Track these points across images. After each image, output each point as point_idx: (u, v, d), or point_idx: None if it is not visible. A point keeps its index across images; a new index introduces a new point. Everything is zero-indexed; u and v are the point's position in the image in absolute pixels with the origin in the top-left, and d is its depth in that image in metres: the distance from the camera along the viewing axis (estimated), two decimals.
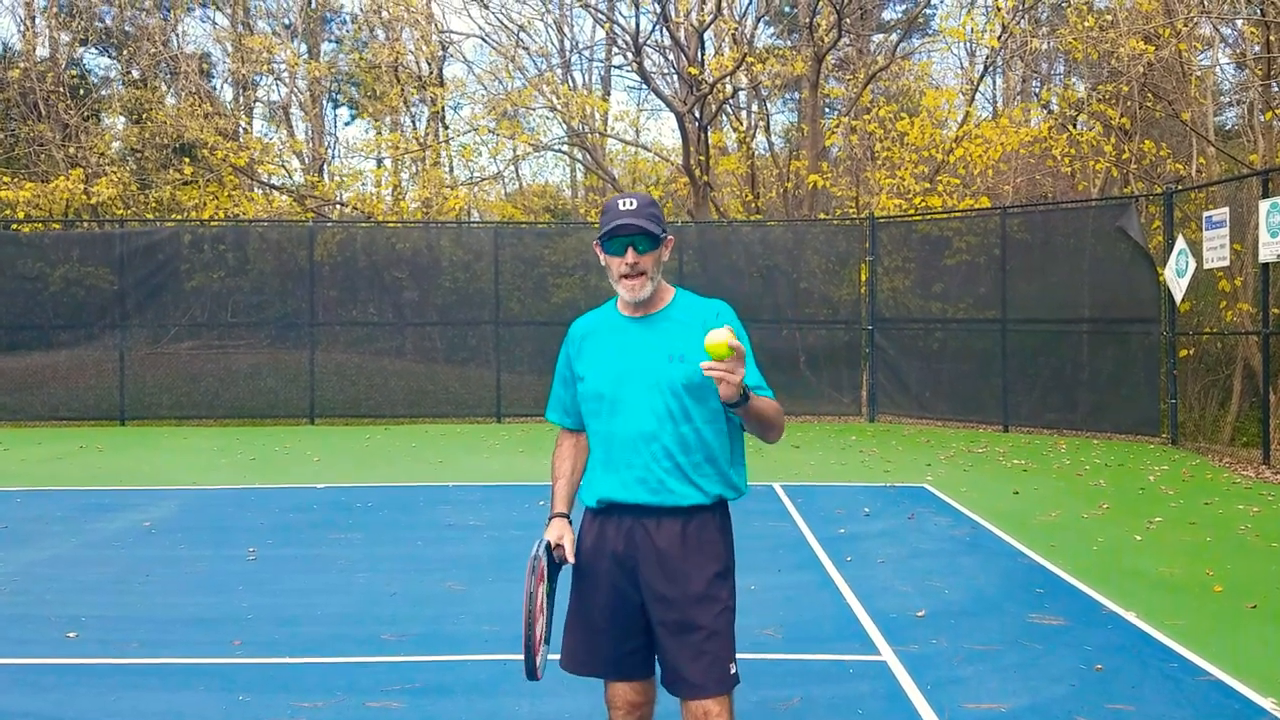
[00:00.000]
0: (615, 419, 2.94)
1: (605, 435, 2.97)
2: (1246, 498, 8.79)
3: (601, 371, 2.98)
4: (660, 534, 2.91)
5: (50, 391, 15.05)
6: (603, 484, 2.97)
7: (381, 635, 5.17)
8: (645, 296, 2.95)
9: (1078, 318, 13.27)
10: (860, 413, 14.97)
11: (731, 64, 18.98)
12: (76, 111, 20.65)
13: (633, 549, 2.92)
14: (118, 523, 7.93)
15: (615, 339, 3.00)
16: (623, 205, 2.94)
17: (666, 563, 2.89)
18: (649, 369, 2.92)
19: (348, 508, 8.55)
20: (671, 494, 2.89)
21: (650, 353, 2.93)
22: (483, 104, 21.47)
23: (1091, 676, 4.55)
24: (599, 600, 2.98)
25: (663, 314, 3.00)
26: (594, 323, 3.10)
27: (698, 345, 2.83)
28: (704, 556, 2.91)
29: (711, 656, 2.85)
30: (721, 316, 2.96)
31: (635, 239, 2.91)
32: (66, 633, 5.22)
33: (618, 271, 2.94)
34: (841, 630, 5.25)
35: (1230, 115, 21.31)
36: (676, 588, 2.88)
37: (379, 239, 16.28)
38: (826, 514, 8.14)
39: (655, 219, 2.95)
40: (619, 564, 2.94)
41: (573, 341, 3.12)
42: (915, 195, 17.44)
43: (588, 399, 3.01)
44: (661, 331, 2.96)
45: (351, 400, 15.30)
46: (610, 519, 2.97)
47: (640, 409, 2.90)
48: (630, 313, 3.02)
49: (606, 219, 2.95)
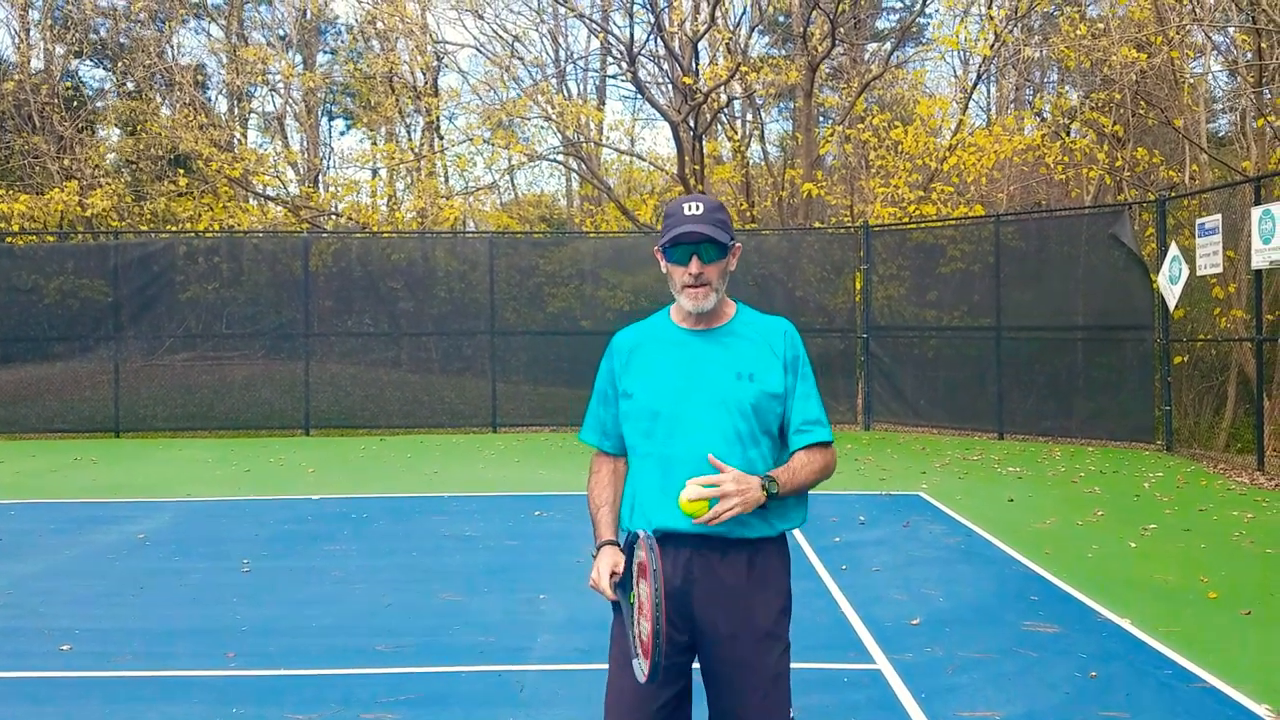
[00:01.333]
0: (675, 440, 2.65)
1: (663, 458, 2.66)
2: (1241, 504, 8.80)
3: (658, 387, 2.70)
4: (725, 567, 2.63)
5: (45, 404, 15.03)
6: (659, 511, 2.63)
7: (376, 647, 5.16)
8: (709, 308, 2.69)
9: (1072, 325, 13.30)
10: (856, 421, 14.98)
11: (726, 73, 19.04)
12: (71, 124, 20.65)
13: (689, 583, 2.62)
14: (112, 535, 7.91)
15: (674, 353, 2.73)
16: (688, 210, 2.67)
17: (731, 598, 2.62)
18: (716, 387, 2.66)
19: (343, 519, 8.54)
20: (741, 525, 2.60)
21: (717, 369, 2.68)
22: (478, 114, 21.51)
23: (1086, 684, 4.56)
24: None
25: (727, 328, 2.75)
26: (644, 334, 2.83)
27: (766, 365, 2.69)
28: (770, 592, 2.66)
29: (774, 702, 2.60)
30: (789, 336, 2.75)
31: (701, 247, 2.65)
32: (60, 645, 5.21)
33: (680, 281, 2.69)
34: (836, 639, 5.25)
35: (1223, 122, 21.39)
36: (740, 625, 2.61)
37: (374, 249, 16.29)
38: (822, 522, 8.14)
39: (723, 225, 2.69)
40: (672, 600, 2.60)
41: (618, 354, 2.83)
42: (910, 203, 17.48)
43: (638, 417, 2.72)
44: (727, 347, 2.72)
45: (347, 411, 15.29)
46: (665, 550, 2.62)
47: (706, 430, 2.63)
48: (691, 325, 2.75)
49: (670, 223, 2.68)
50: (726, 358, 2.70)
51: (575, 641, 5.20)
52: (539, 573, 6.62)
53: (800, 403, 2.71)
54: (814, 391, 2.74)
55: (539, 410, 15.17)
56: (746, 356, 2.70)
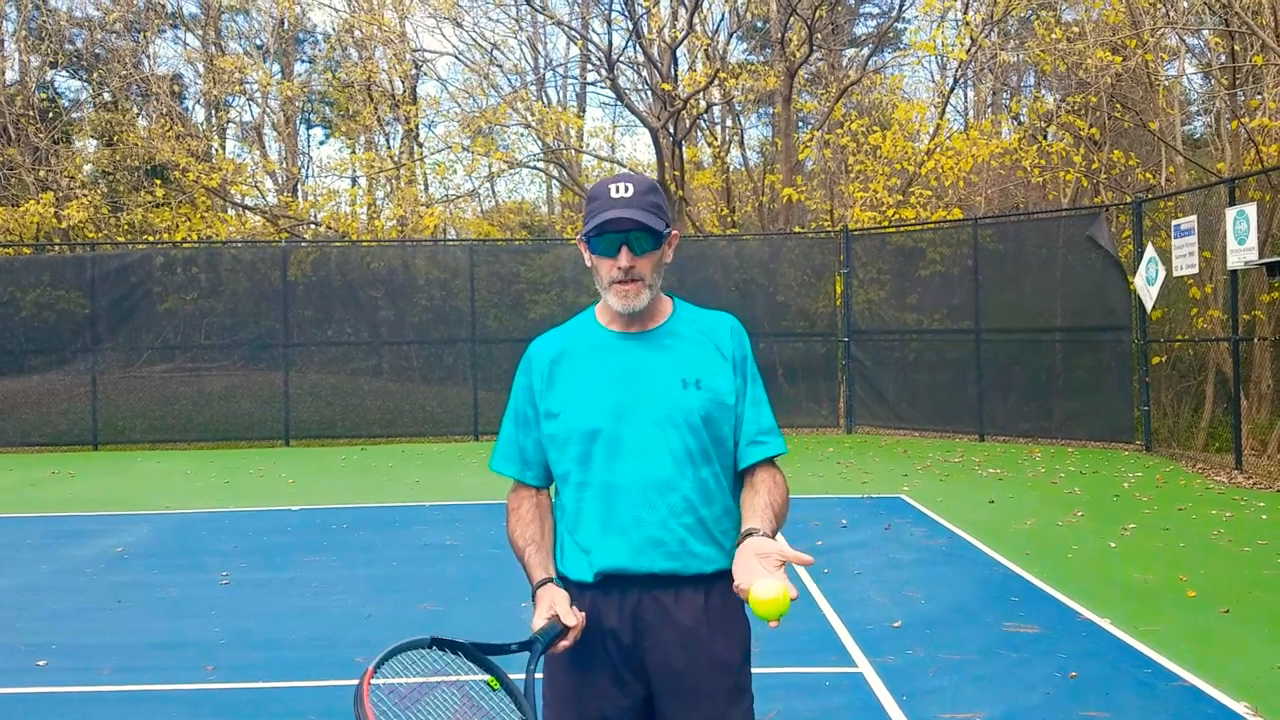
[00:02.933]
0: (617, 464, 2.26)
1: (603, 486, 2.27)
2: (1219, 503, 8.85)
3: (591, 403, 2.29)
4: (680, 609, 2.25)
5: (22, 417, 14.90)
6: (604, 550, 2.26)
7: (355, 658, 5.12)
8: (641, 307, 2.28)
9: (1051, 326, 13.38)
10: (838, 424, 15.01)
11: (705, 79, 19.08)
12: (47, 135, 20.53)
13: (642, 631, 2.26)
14: (89, 548, 7.85)
15: (606, 361, 2.32)
16: (615, 192, 2.25)
17: (691, 645, 2.24)
18: (660, 398, 2.27)
19: (322, 529, 8.50)
20: (695, 557, 2.25)
21: (659, 377, 2.29)
22: (457, 122, 21.50)
23: (1066, 684, 4.57)
24: (591, 700, 2.28)
25: (665, 329, 2.35)
26: (567, 341, 2.39)
27: (713, 369, 2.31)
28: (731, 635, 2.29)
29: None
30: (736, 333, 2.38)
31: (631, 235, 2.25)
32: (36, 660, 5.15)
33: (608, 277, 2.27)
34: (818, 642, 5.25)
35: (1198, 124, 21.59)
36: (703, 678, 2.25)
37: (354, 258, 16.23)
38: (804, 526, 8.14)
39: (657, 209, 2.27)
40: (621, 651, 2.27)
41: (535, 368, 2.39)
42: (889, 207, 17.55)
43: (569, 441, 2.30)
44: (668, 350, 2.32)
45: (327, 421, 15.21)
46: (610, 595, 2.27)
47: (652, 450, 2.25)
48: (623, 327, 2.35)
49: (594, 208, 2.27)
50: (668, 363, 2.31)
51: None
52: (519, 582, 6.55)
53: (751, 409, 2.34)
54: (764, 396, 2.38)
55: None
56: (691, 360, 2.31)
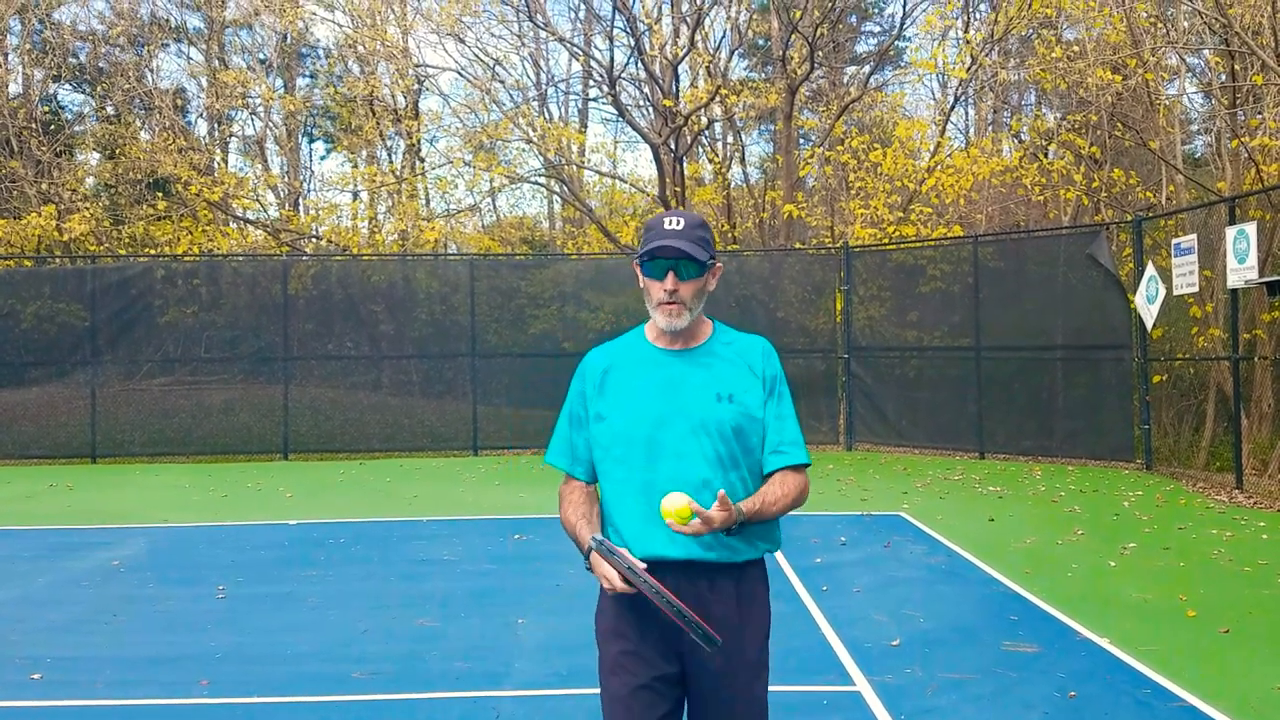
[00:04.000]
0: (657, 465, 2.58)
1: (644, 484, 2.58)
2: (1220, 522, 8.83)
3: (635, 410, 2.62)
4: (714, 595, 2.57)
5: (21, 429, 14.88)
6: (645, 539, 2.57)
7: (352, 674, 5.10)
8: (682, 326, 2.62)
9: (1051, 344, 13.37)
10: (838, 441, 14.99)
11: (706, 96, 19.13)
12: (49, 148, 20.57)
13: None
14: (86, 562, 7.82)
15: (651, 373, 2.66)
16: (668, 224, 2.61)
17: (722, 628, 2.51)
18: (696, 409, 2.59)
19: (320, 544, 8.47)
20: (728, 548, 2.56)
21: (696, 391, 2.61)
22: (459, 137, 21.55)
23: (1065, 704, 4.54)
24: (630, 678, 2.57)
25: (705, 348, 2.68)
26: (618, 354, 2.73)
27: (745, 385, 2.63)
28: (757, 619, 2.64)
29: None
30: (768, 355, 2.70)
31: (678, 263, 2.59)
32: (30, 674, 5.12)
33: (656, 298, 2.61)
34: (816, 661, 5.22)
35: (1198, 143, 21.62)
36: (731, 657, 2.56)
37: (354, 272, 16.24)
38: (803, 543, 8.12)
39: (704, 243, 2.62)
40: (659, 630, 2.56)
41: (590, 376, 2.74)
42: (889, 224, 17.57)
43: (613, 443, 2.64)
44: (706, 367, 2.65)
45: (326, 435, 15.20)
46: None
47: (689, 454, 2.57)
48: (667, 344, 2.69)
49: (649, 237, 2.62)
50: (706, 378, 2.63)
51: (553, 666, 5.15)
52: (517, 597, 6.57)
53: (776, 423, 2.65)
54: (791, 412, 2.68)
55: (520, 433, 15.11)
56: (726, 377, 2.63)
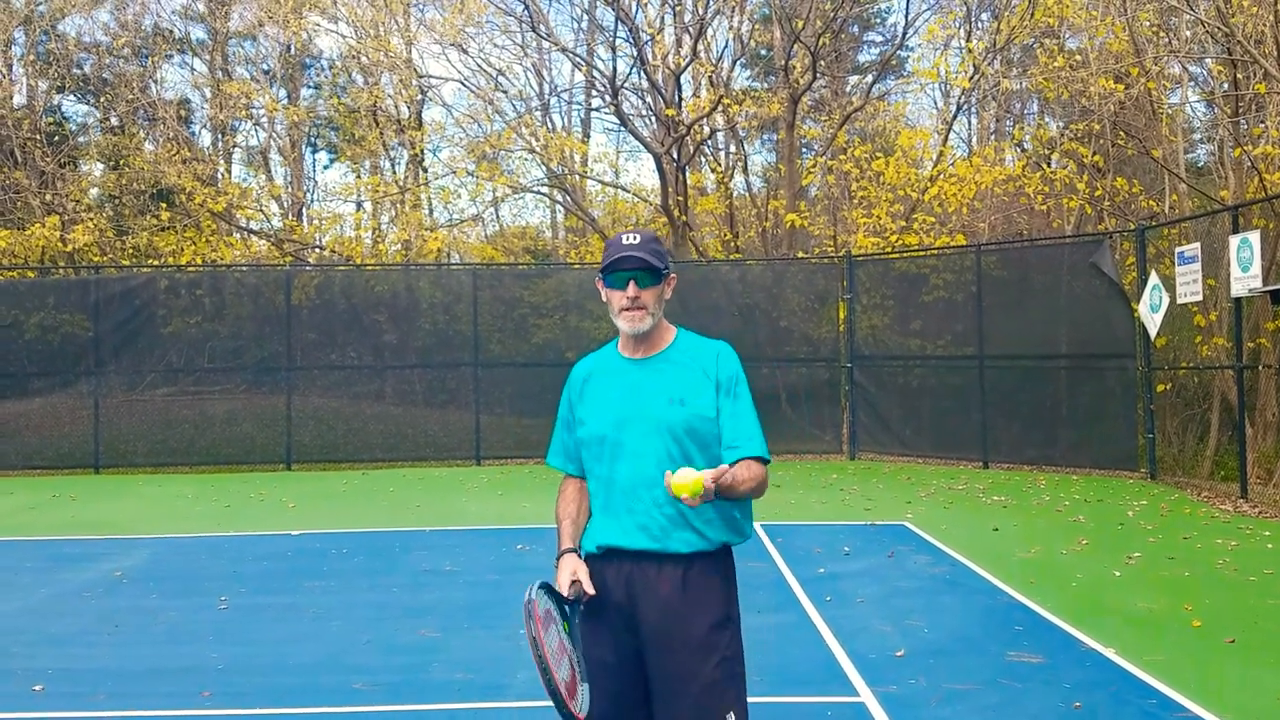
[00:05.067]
0: (617, 464, 2.89)
1: (606, 480, 2.91)
2: (1225, 532, 8.80)
3: (602, 415, 2.93)
4: (661, 580, 2.83)
5: (24, 440, 14.88)
6: (603, 530, 2.90)
7: (353, 684, 5.08)
8: (645, 329, 2.91)
9: (1055, 353, 13.34)
10: (841, 450, 14.95)
11: (708, 105, 19.16)
12: (53, 158, 20.62)
13: (633, 595, 2.85)
14: (88, 573, 7.81)
15: (616, 381, 2.96)
16: (626, 240, 2.92)
17: (667, 609, 2.81)
18: (649, 413, 2.87)
19: (322, 555, 8.46)
20: (672, 540, 2.83)
21: (651, 396, 2.89)
22: (462, 147, 21.58)
23: (1070, 714, 4.52)
24: (601, 653, 2.86)
25: (663, 356, 2.96)
26: (595, 365, 3.06)
27: (698, 389, 2.87)
28: (706, 603, 2.84)
29: (706, 709, 2.77)
30: (722, 358, 2.94)
31: (637, 273, 2.88)
32: (33, 686, 5.11)
33: (618, 305, 2.91)
34: (820, 671, 5.20)
35: (1201, 152, 21.63)
36: (676, 635, 2.81)
37: (357, 282, 16.25)
38: (806, 553, 8.09)
39: (658, 255, 2.93)
40: (619, 611, 2.86)
41: (574, 385, 3.07)
42: (892, 233, 17.57)
43: (589, 443, 2.96)
44: (661, 374, 2.92)
45: (329, 445, 15.19)
46: (610, 565, 2.88)
47: (642, 454, 2.85)
48: (630, 354, 2.98)
49: (610, 253, 2.93)
50: (660, 384, 2.90)
51: None
52: (520, 608, 6.53)
53: (730, 421, 2.89)
54: (748, 410, 2.92)
55: (523, 443, 15.07)
56: (679, 382, 2.90)
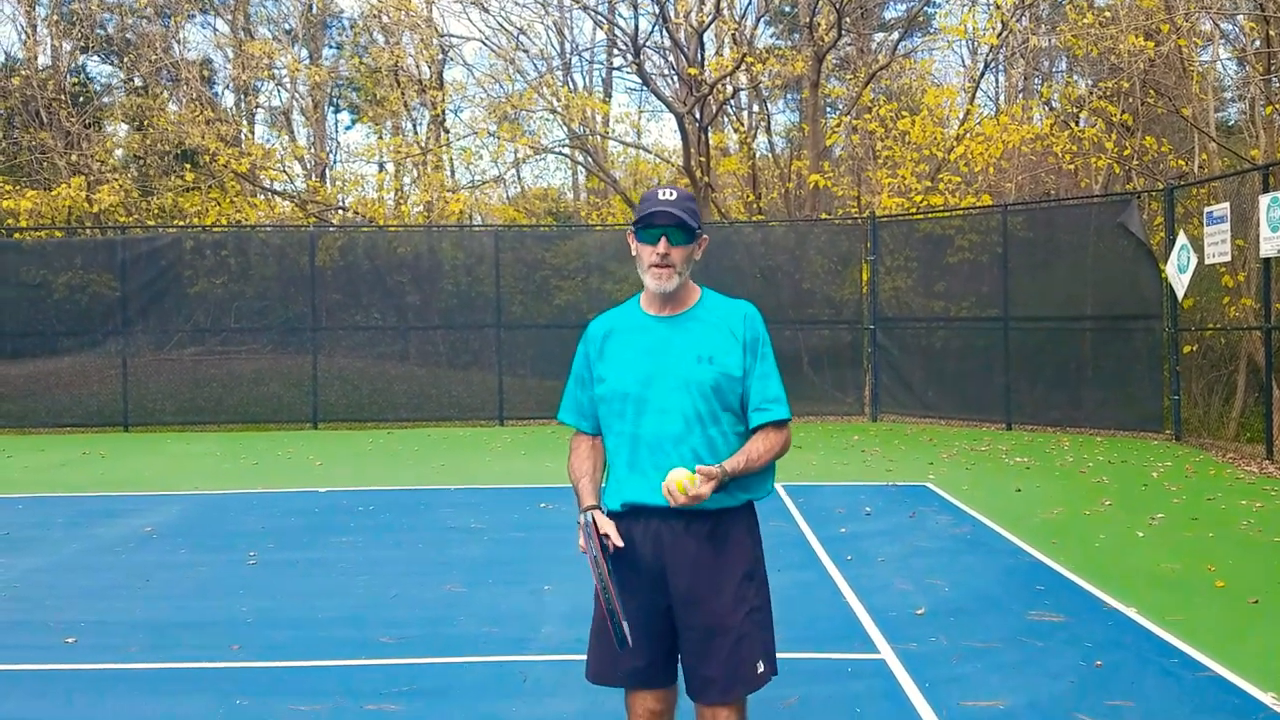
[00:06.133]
0: (641, 420, 2.86)
1: (630, 437, 2.88)
2: (1249, 493, 8.76)
3: (626, 371, 2.90)
4: (689, 536, 2.84)
5: (54, 398, 15.08)
6: (628, 487, 2.88)
7: (381, 638, 5.16)
8: (672, 289, 2.88)
9: (1080, 315, 13.25)
10: (863, 412, 14.95)
11: (731, 64, 18.98)
12: (78, 119, 20.69)
13: (660, 551, 2.85)
14: (119, 528, 7.94)
15: (641, 338, 2.93)
16: (662, 195, 2.88)
17: (696, 565, 2.83)
18: (678, 370, 2.85)
19: (349, 511, 8.56)
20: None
21: (679, 353, 2.87)
22: (483, 107, 21.50)
23: (1091, 673, 4.54)
24: (632, 609, 2.86)
25: (690, 314, 2.93)
26: (615, 321, 3.02)
27: (725, 348, 2.86)
28: (733, 558, 2.86)
29: (739, 659, 2.82)
30: (749, 319, 2.92)
31: (670, 230, 2.85)
32: (65, 638, 5.22)
33: (648, 260, 2.88)
34: (841, 629, 5.24)
35: (1232, 111, 21.29)
36: (706, 590, 2.83)
37: (380, 243, 16.30)
38: (828, 513, 8.13)
39: (693, 213, 2.88)
40: (646, 568, 2.87)
41: (592, 341, 3.04)
42: (917, 194, 17.42)
43: (610, 400, 2.92)
44: (689, 332, 2.90)
45: (354, 404, 15.32)
46: (636, 522, 2.88)
47: (668, 411, 2.83)
48: (656, 311, 2.95)
49: (644, 206, 2.89)
50: (688, 342, 2.88)
51: (579, 632, 5.17)
52: (544, 564, 6.62)
53: (759, 382, 2.89)
54: (773, 371, 2.92)
55: (545, 403, 15.14)
56: (707, 340, 2.88)
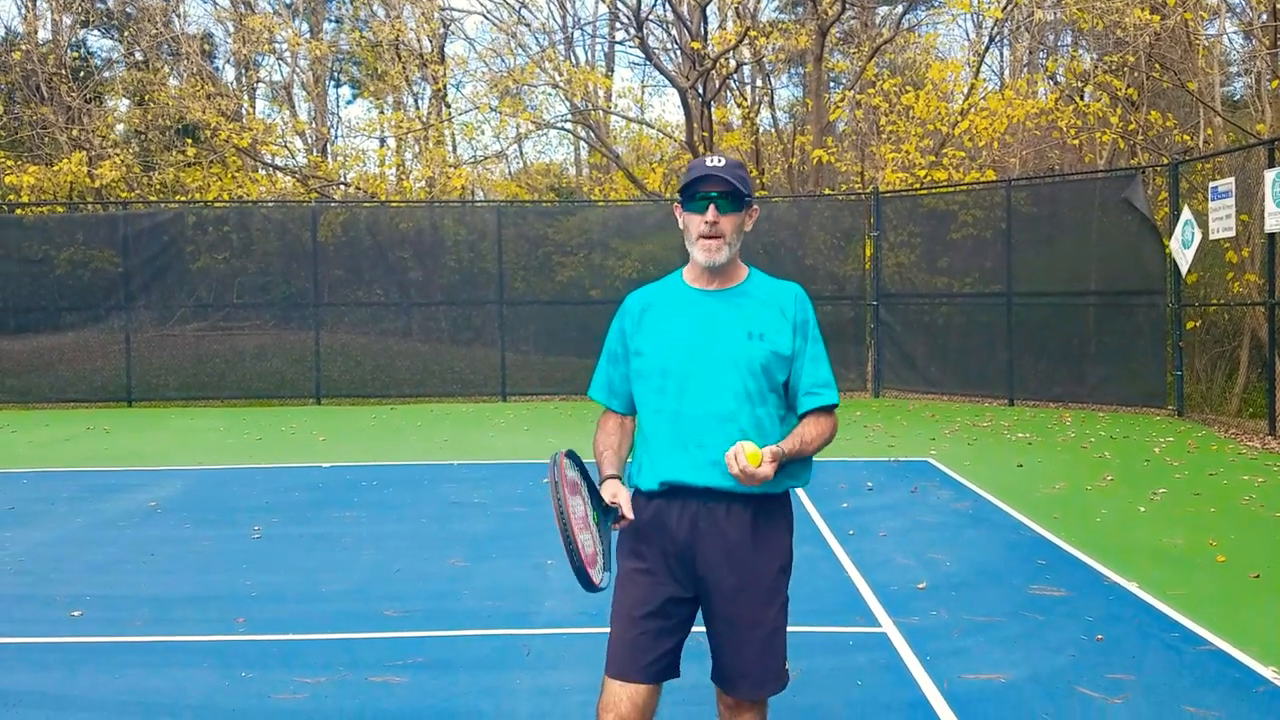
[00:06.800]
0: (686, 397, 2.70)
1: (673, 414, 2.71)
2: (1251, 469, 8.77)
3: (670, 346, 2.74)
4: (730, 522, 2.69)
5: (57, 373, 15.11)
6: (669, 464, 2.71)
7: (385, 611, 5.19)
8: (722, 261, 2.72)
9: (1084, 290, 13.22)
10: (866, 388, 14.95)
11: (735, 38, 18.86)
12: (79, 94, 20.61)
13: (695, 536, 2.69)
14: (123, 503, 7.97)
15: (687, 311, 2.77)
16: (710, 161, 2.71)
17: (735, 553, 2.69)
18: (727, 345, 2.71)
19: (353, 486, 8.58)
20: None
21: (729, 328, 2.72)
22: (485, 82, 21.39)
23: (1092, 647, 4.55)
24: (645, 593, 2.72)
25: (739, 289, 2.79)
26: (656, 295, 2.87)
27: (776, 326, 2.73)
28: (772, 548, 2.74)
29: (773, 654, 2.72)
30: (799, 300, 2.79)
31: (719, 198, 2.69)
32: (70, 611, 5.25)
33: (696, 231, 2.72)
34: (842, 603, 5.26)
35: (1238, 85, 21.15)
36: (743, 580, 2.69)
37: (382, 219, 16.27)
38: (830, 489, 8.14)
39: (744, 180, 2.72)
40: (677, 552, 2.71)
41: (629, 314, 2.87)
42: (920, 169, 17.35)
43: (649, 375, 2.76)
44: (739, 307, 2.75)
45: (357, 380, 15.34)
46: (673, 503, 2.71)
47: (717, 387, 2.68)
48: (704, 285, 2.79)
49: (690, 174, 2.73)
50: (738, 317, 2.73)
51: (581, 605, 5.21)
52: (546, 539, 6.62)
53: (810, 365, 2.76)
54: (823, 354, 2.79)
55: (548, 379, 15.18)
56: (757, 317, 2.74)
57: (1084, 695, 4.02)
